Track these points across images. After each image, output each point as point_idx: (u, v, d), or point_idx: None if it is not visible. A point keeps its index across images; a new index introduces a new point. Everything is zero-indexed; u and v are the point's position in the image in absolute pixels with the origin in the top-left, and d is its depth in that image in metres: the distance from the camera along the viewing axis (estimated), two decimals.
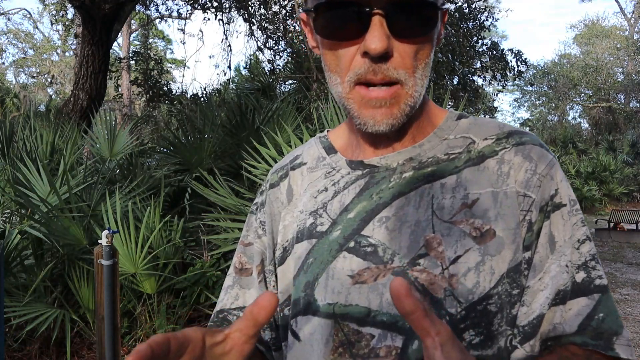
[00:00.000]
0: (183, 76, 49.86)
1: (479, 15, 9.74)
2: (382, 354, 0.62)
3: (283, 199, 0.77)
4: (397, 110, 0.63)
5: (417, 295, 0.61)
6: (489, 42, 10.75)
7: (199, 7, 10.45)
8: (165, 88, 12.02)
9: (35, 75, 27.71)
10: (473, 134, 0.70)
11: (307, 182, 0.75)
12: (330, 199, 0.71)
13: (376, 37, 0.58)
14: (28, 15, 36.29)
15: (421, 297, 0.61)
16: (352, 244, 0.66)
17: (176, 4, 12.67)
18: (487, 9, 9.92)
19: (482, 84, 12.68)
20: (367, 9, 0.59)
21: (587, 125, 29.01)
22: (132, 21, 19.42)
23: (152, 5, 12.14)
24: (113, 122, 4.92)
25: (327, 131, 0.81)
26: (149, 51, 13.45)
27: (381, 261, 0.64)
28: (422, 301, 0.58)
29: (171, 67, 26.25)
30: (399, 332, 0.62)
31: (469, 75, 9.69)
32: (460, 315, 0.61)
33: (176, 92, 12.43)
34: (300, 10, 0.69)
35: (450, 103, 9.29)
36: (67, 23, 14.74)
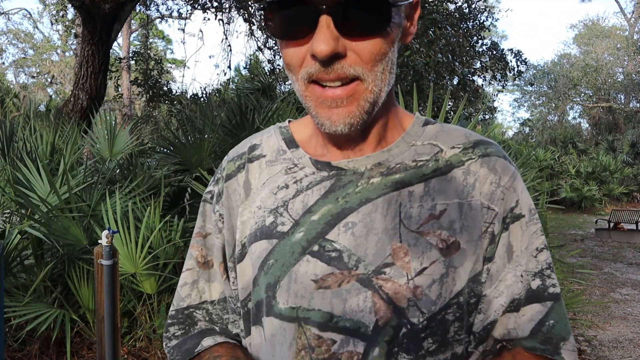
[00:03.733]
0: (183, 76, 49.90)
1: (479, 15, 9.73)
2: (343, 359, 0.62)
3: (240, 192, 0.73)
4: (356, 107, 0.60)
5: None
6: (489, 42, 10.75)
7: (199, 7, 10.46)
8: (165, 88, 12.02)
9: (35, 75, 27.70)
10: (440, 141, 0.69)
11: (266, 177, 0.71)
12: (291, 197, 0.68)
13: (322, 40, 0.56)
14: (28, 15, 36.34)
15: (385, 305, 0.62)
16: (316, 247, 0.65)
17: (176, 4, 12.69)
18: (487, 9, 9.92)
19: (482, 84, 12.68)
20: (314, 9, 0.56)
21: (587, 125, 28.99)
22: (132, 21, 19.41)
23: (152, 5, 12.14)
24: (113, 122, 4.92)
25: (289, 121, 0.77)
26: (149, 51, 13.44)
27: (346, 267, 0.63)
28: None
29: (171, 67, 26.26)
30: (361, 338, 0.62)
31: (469, 75, 9.67)
32: (422, 325, 0.62)
33: (176, 92, 12.44)
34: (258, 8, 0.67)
35: (450, 103, 9.29)
36: (67, 23, 14.73)
